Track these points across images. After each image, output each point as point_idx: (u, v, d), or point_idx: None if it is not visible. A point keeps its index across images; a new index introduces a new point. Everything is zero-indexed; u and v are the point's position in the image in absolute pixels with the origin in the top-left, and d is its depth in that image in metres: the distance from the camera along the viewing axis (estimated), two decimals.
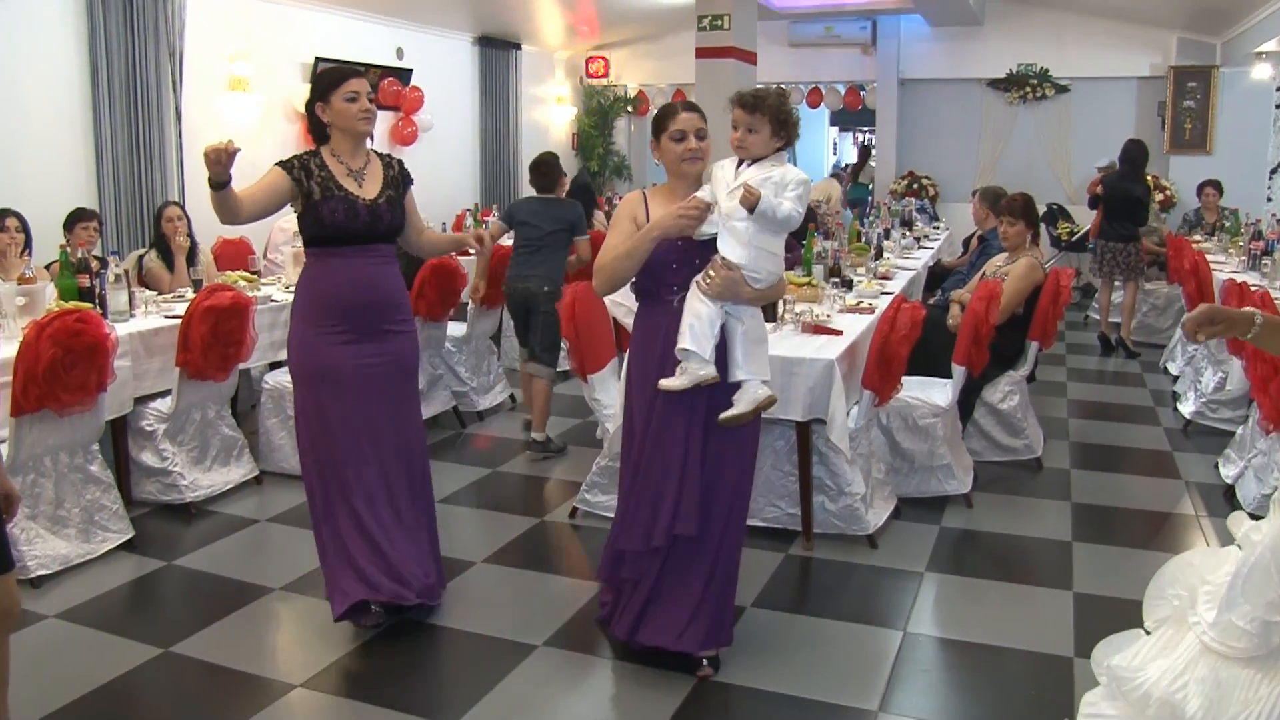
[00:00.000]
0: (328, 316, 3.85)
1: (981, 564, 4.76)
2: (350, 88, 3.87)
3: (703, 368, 3.43)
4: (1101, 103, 13.00)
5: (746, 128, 3.49)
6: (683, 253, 3.52)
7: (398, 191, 4.01)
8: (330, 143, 3.93)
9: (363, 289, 3.88)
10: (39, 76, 7.31)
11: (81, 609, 4.16)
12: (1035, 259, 6.11)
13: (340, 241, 3.84)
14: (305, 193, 3.81)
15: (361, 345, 3.88)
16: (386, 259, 3.99)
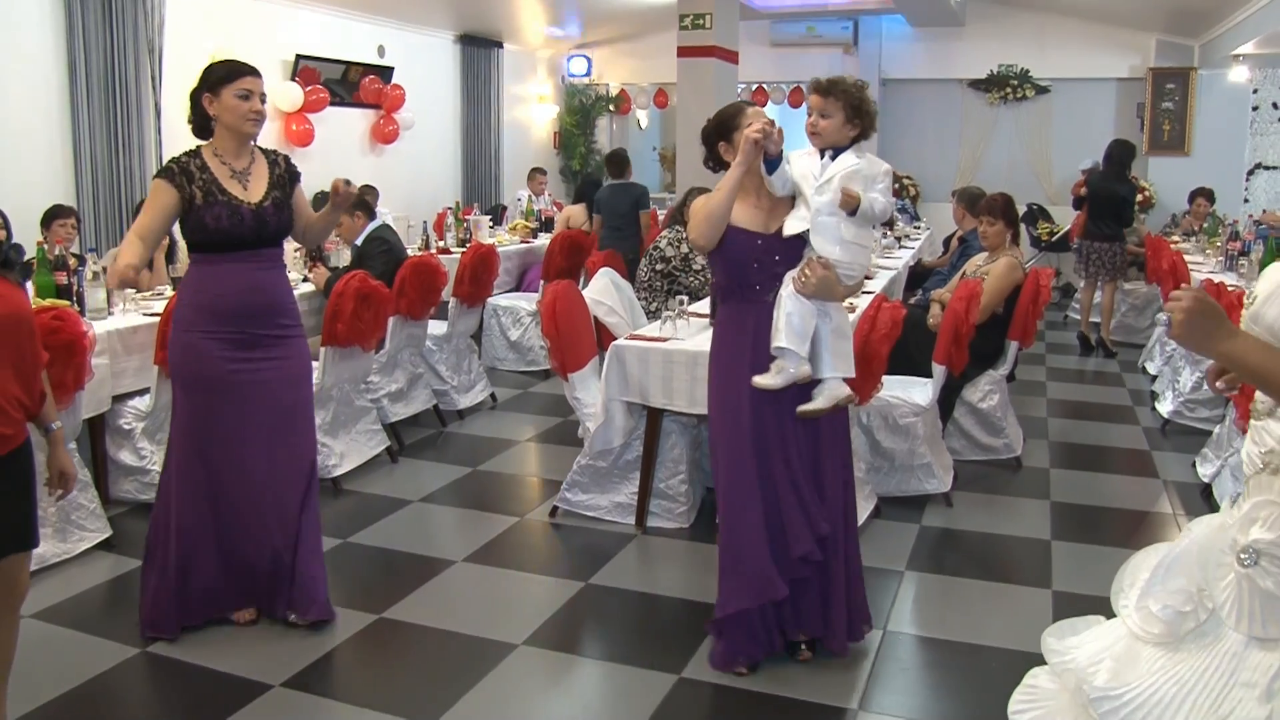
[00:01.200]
0: (212, 322, 3.74)
1: (961, 563, 4.77)
2: (244, 85, 3.76)
3: (799, 365, 3.43)
4: (1081, 104, 13.07)
5: (820, 113, 3.48)
6: (764, 250, 3.50)
7: (284, 192, 3.89)
8: (213, 140, 3.82)
9: (248, 294, 3.78)
10: (17, 73, 7.27)
11: (58, 609, 4.14)
12: (1015, 259, 6.13)
13: (225, 248, 3.73)
14: (188, 198, 3.69)
15: (246, 351, 3.78)
16: (272, 263, 3.89)
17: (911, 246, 9.73)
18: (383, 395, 6.25)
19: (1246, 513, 1.98)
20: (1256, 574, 1.92)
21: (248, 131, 3.81)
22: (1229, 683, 1.92)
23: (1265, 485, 1.97)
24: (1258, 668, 1.90)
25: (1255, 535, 1.93)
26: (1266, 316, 1.94)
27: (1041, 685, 2.33)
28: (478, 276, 6.99)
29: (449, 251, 8.55)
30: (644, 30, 14.11)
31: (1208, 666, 1.96)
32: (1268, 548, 1.91)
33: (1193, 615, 2.01)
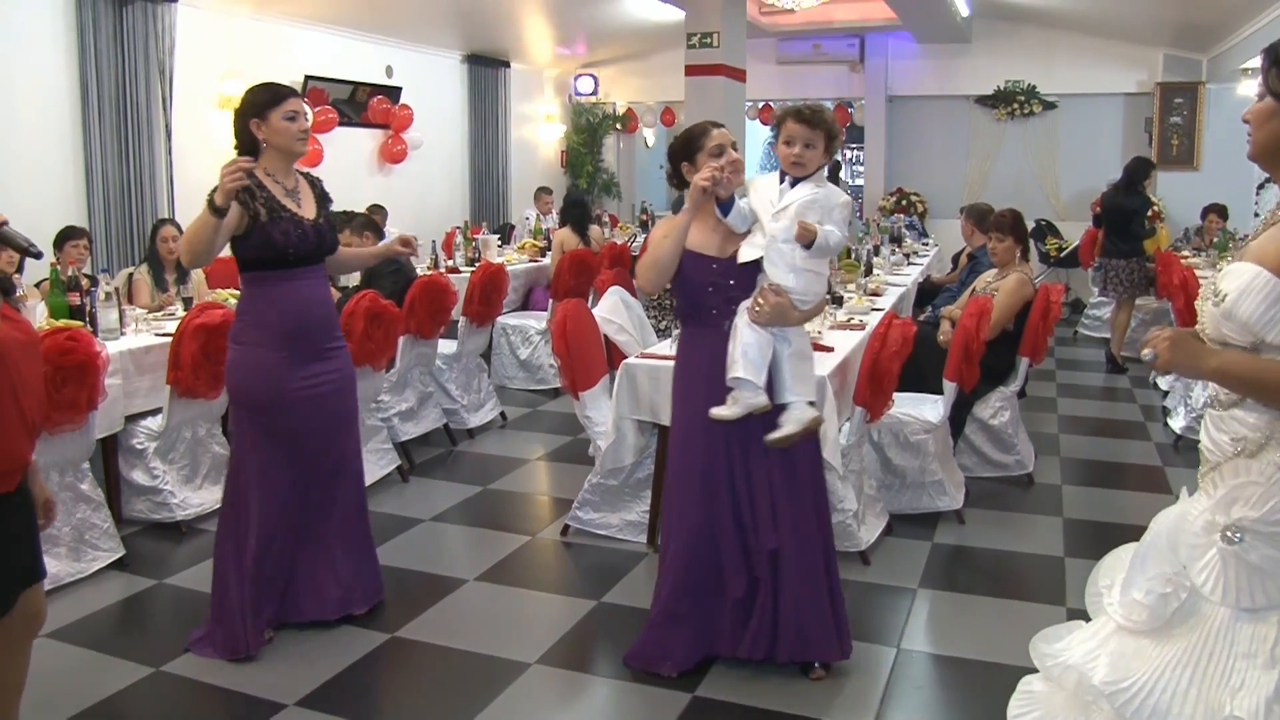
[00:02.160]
0: (277, 340, 3.82)
1: (974, 580, 4.76)
2: (289, 106, 3.84)
3: (755, 396, 3.42)
4: (1089, 119, 13.07)
5: (804, 143, 3.44)
6: (719, 275, 3.50)
7: (326, 211, 4.02)
8: (262, 161, 3.87)
9: (309, 310, 3.89)
10: (29, 95, 7.31)
11: (72, 628, 4.14)
12: (1025, 275, 6.13)
13: (286, 264, 3.81)
14: (252, 214, 3.74)
15: (308, 366, 3.89)
16: (323, 278, 4.01)
17: (920, 263, 9.74)
18: (393, 414, 6.26)
19: (1224, 495, 2.13)
20: (1242, 549, 2.07)
21: (298, 151, 3.91)
22: (1229, 654, 2.07)
23: (1242, 469, 2.11)
24: (1254, 638, 2.06)
25: (1239, 514, 2.09)
26: (1240, 313, 2.05)
27: (1036, 690, 2.45)
28: (487, 296, 7.00)
29: (458, 271, 8.57)
30: (650, 49, 14.16)
31: (1201, 644, 2.11)
32: (1253, 525, 2.07)
33: (1174, 596, 2.16)
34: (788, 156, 3.46)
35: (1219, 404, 2.17)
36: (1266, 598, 2.05)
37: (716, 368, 3.48)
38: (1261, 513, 2.06)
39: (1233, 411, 2.14)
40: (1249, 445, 2.10)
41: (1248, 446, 2.10)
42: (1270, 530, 2.05)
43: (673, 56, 12.01)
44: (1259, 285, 2.02)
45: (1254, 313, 2.03)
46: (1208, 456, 2.21)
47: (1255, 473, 2.09)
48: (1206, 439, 2.22)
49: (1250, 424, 2.10)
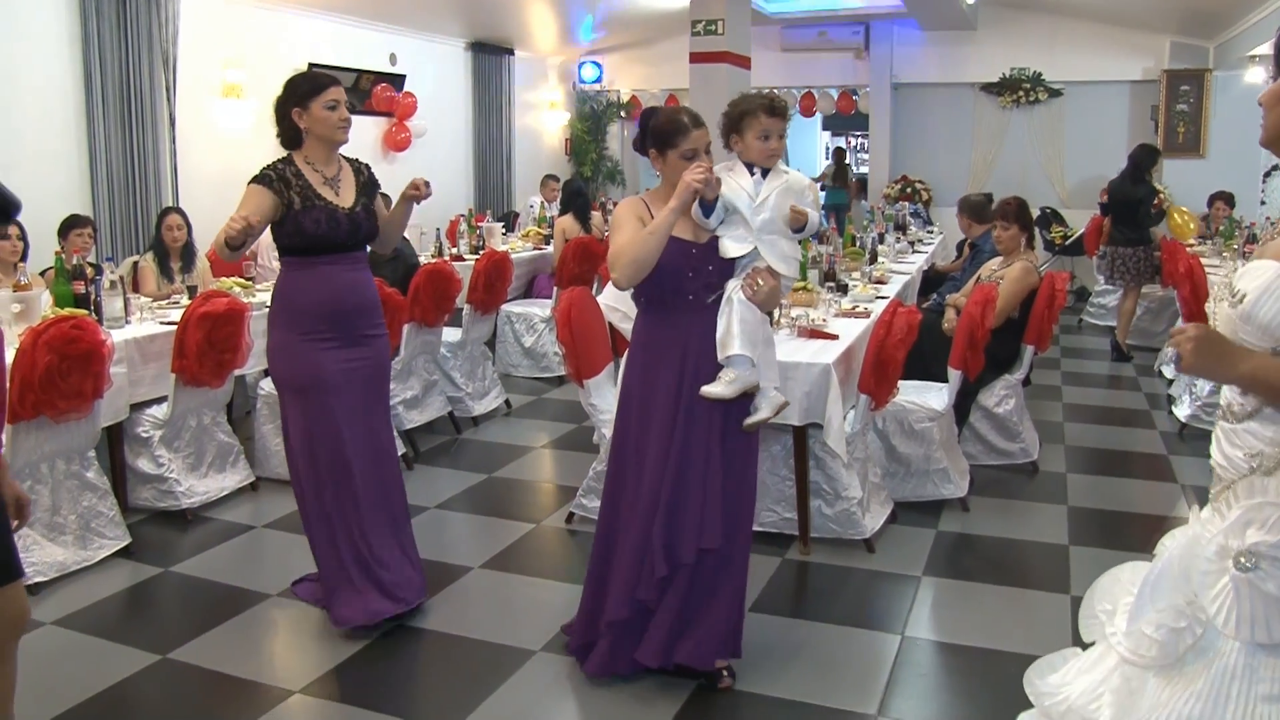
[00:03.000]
0: (312, 324, 3.87)
1: (978, 568, 4.76)
2: (331, 96, 3.90)
3: (752, 373, 3.42)
4: (1094, 107, 13.03)
5: (779, 134, 3.47)
6: (699, 259, 3.45)
7: (370, 198, 4.04)
8: (303, 149, 3.93)
9: (346, 296, 3.92)
10: (33, 84, 7.30)
11: (79, 616, 4.16)
12: (1030, 263, 6.12)
13: (321, 251, 3.86)
14: (286, 203, 3.80)
15: (345, 350, 3.93)
16: (363, 265, 4.05)
17: (925, 251, 9.73)
18: (398, 402, 6.26)
19: (1239, 517, 1.94)
20: (1257, 578, 1.87)
21: (339, 139, 3.95)
22: (1249, 696, 1.86)
23: (1258, 488, 1.93)
24: (1275, 679, 1.85)
25: (1253, 538, 1.89)
26: (1260, 316, 1.90)
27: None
28: (492, 284, 7.00)
29: (462, 258, 8.57)
30: (655, 36, 14.13)
31: (1217, 683, 1.89)
32: (1269, 550, 1.87)
33: (1189, 631, 1.96)
34: (765, 151, 3.45)
35: (1232, 416, 2.01)
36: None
37: (689, 349, 3.46)
38: (1277, 537, 1.87)
39: (1247, 425, 1.98)
40: (1266, 461, 1.93)
41: (1264, 463, 1.93)
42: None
43: (677, 44, 11.98)
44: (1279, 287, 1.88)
45: (1273, 314, 1.88)
46: (1220, 474, 2.04)
47: (1273, 492, 1.90)
48: (1219, 454, 2.05)
49: (1267, 438, 1.93)
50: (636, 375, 3.60)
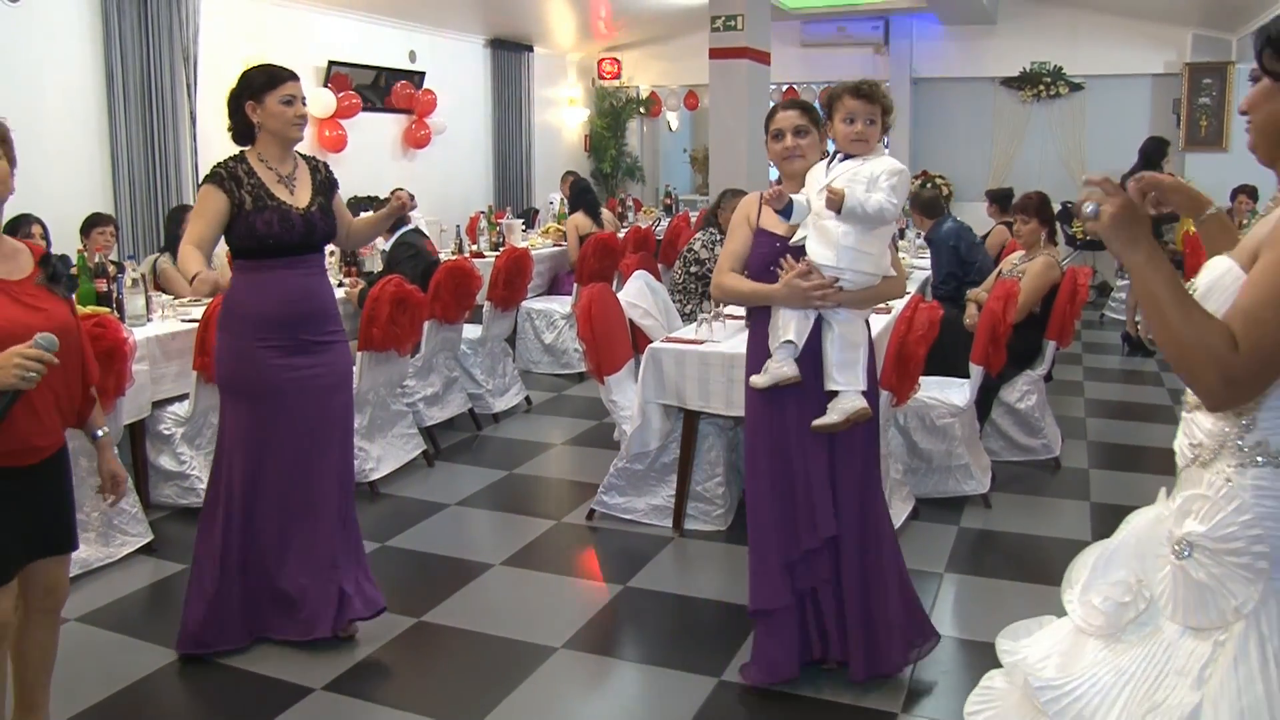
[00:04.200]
0: (263, 330, 3.70)
1: (1001, 564, 4.74)
2: (286, 90, 3.76)
3: (784, 366, 3.36)
4: (1116, 100, 12.95)
5: (867, 119, 3.36)
6: (782, 254, 3.41)
7: (326, 198, 3.88)
8: (257, 145, 3.80)
9: (298, 301, 3.75)
10: (55, 82, 7.34)
11: (101, 612, 4.18)
12: (1052, 257, 6.09)
13: (274, 253, 3.70)
14: (237, 203, 3.65)
15: (296, 358, 3.75)
16: (318, 269, 3.87)
17: None
18: (418, 399, 6.27)
19: (1180, 505, 2.01)
20: (1190, 566, 1.94)
21: (293, 137, 3.81)
22: (1164, 670, 1.96)
23: (1195, 479, 1.99)
24: (1190, 655, 1.93)
25: (1188, 528, 1.96)
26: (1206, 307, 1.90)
27: (996, 686, 2.36)
28: (512, 280, 7.01)
29: (482, 255, 8.58)
30: (674, 32, 14.10)
31: (1146, 656, 1.99)
32: (1200, 540, 1.93)
33: (1132, 606, 2.05)
34: (849, 134, 3.37)
35: (1186, 404, 2.05)
36: (1209, 618, 1.92)
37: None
38: (1208, 527, 1.92)
39: (1194, 414, 2.01)
40: (1203, 454, 1.97)
41: (1201, 455, 1.98)
42: (1216, 546, 1.91)
43: (697, 40, 11.97)
44: (1229, 281, 1.91)
45: (1218, 308, 1.89)
46: (1177, 461, 2.09)
47: (1205, 484, 1.95)
48: (1176, 442, 2.10)
49: (1207, 429, 1.97)
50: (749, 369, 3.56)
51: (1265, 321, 1.75)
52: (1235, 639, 1.88)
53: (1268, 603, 1.87)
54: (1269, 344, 1.75)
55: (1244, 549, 1.88)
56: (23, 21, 7.06)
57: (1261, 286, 1.78)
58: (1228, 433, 1.93)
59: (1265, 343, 1.75)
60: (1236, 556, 1.89)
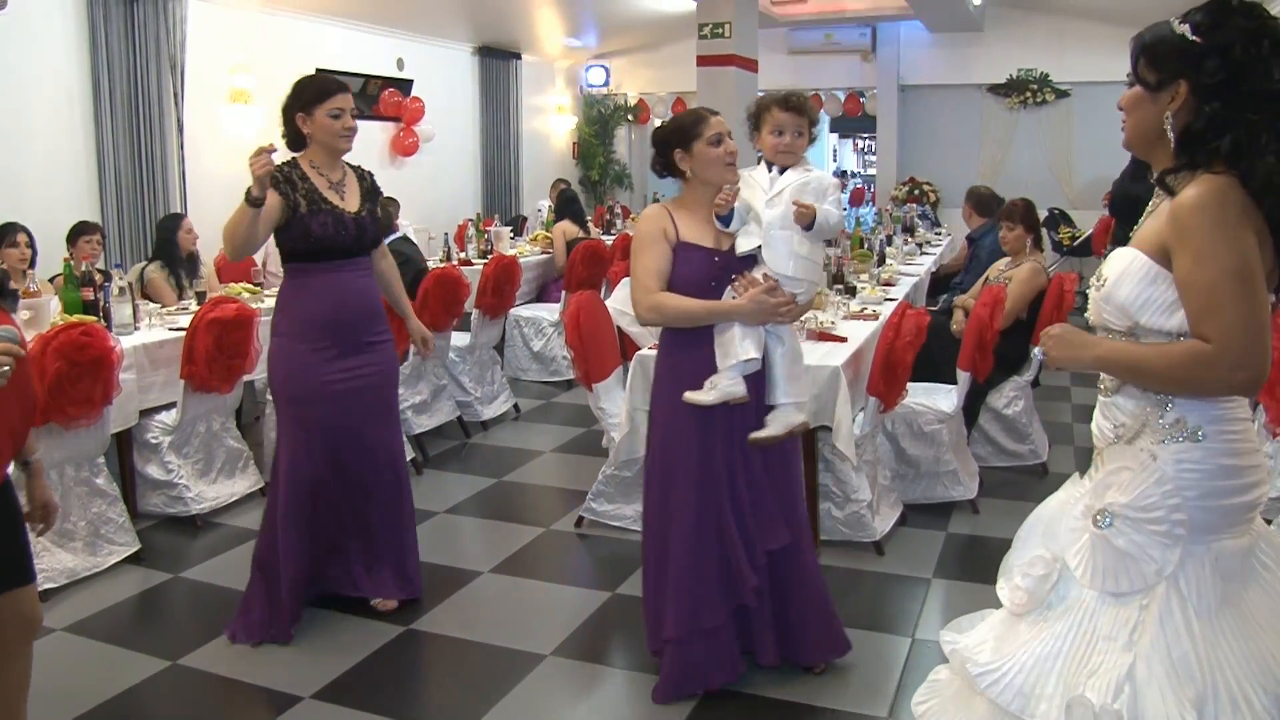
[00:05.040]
0: (315, 332, 3.84)
1: (989, 570, 4.66)
2: (335, 104, 3.85)
3: (735, 384, 3.30)
4: (1103, 107, 12.83)
5: (795, 131, 3.39)
6: (721, 269, 3.35)
7: (373, 204, 4.01)
8: (308, 153, 3.91)
9: (350, 303, 3.88)
10: (41, 90, 7.33)
11: (89, 622, 4.16)
12: (1039, 263, 6.11)
13: (326, 256, 3.82)
14: (291, 205, 3.77)
15: (348, 359, 3.89)
16: (367, 271, 3.99)
17: (933, 253, 9.72)
18: (407, 407, 6.26)
19: (1100, 480, 2.19)
20: (1111, 534, 2.12)
21: (341, 148, 3.93)
22: (1093, 637, 2.11)
23: (1120, 454, 2.16)
24: (1115, 620, 2.10)
25: (1110, 499, 2.14)
26: (1117, 296, 2.11)
27: (940, 679, 2.50)
28: (500, 288, 7.01)
29: (470, 263, 8.58)
30: (662, 40, 14.14)
31: (1072, 625, 2.15)
32: (1122, 509, 2.11)
33: (1048, 578, 2.21)
34: (778, 145, 3.40)
35: (1105, 390, 2.22)
36: (1129, 582, 2.09)
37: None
38: (1130, 498, 2.10)
39: (1114, 399, 2.19)
40: (1126, 432, 2.15)
41: (1125, 433, 2.15)
42: (1137, 515, 2.09)
43: (684, 47, 11.99)
44: (1136, 268, 2.08)
45: (1129, 295, 2.08)
46: (1095, 443, 2.28)
47: (1128, 458, 2.14)
48: (1094, 425, 2.28)
49: (1129, 410, 2.15)
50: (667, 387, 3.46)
51: (1221, 306, 1.94)
52: (1158, 601, 2.06)
53: (1185, 565, 2.06)
54: (1237, 317, 1.93)
55: (1164, 517, 2.07)
56: (9, 30, 7.04)
57: (1198, 286, 1.97)
58: (1149, 412, 2.11)
59: (1234, 319, 1.94)
60: (1156, 525, 2.07)
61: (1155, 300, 2.06)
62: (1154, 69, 2.12)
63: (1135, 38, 2.20)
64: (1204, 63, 2.01)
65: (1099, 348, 2.14)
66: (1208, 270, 1.95)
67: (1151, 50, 2.14)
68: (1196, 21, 2.04)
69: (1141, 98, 2.16)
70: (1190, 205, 1.99)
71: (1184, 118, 2.06)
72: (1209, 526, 2.06)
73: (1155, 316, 2.06)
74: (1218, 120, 2.00)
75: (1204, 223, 1.96)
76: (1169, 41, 2.09)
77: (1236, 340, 1.93)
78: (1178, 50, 2.06)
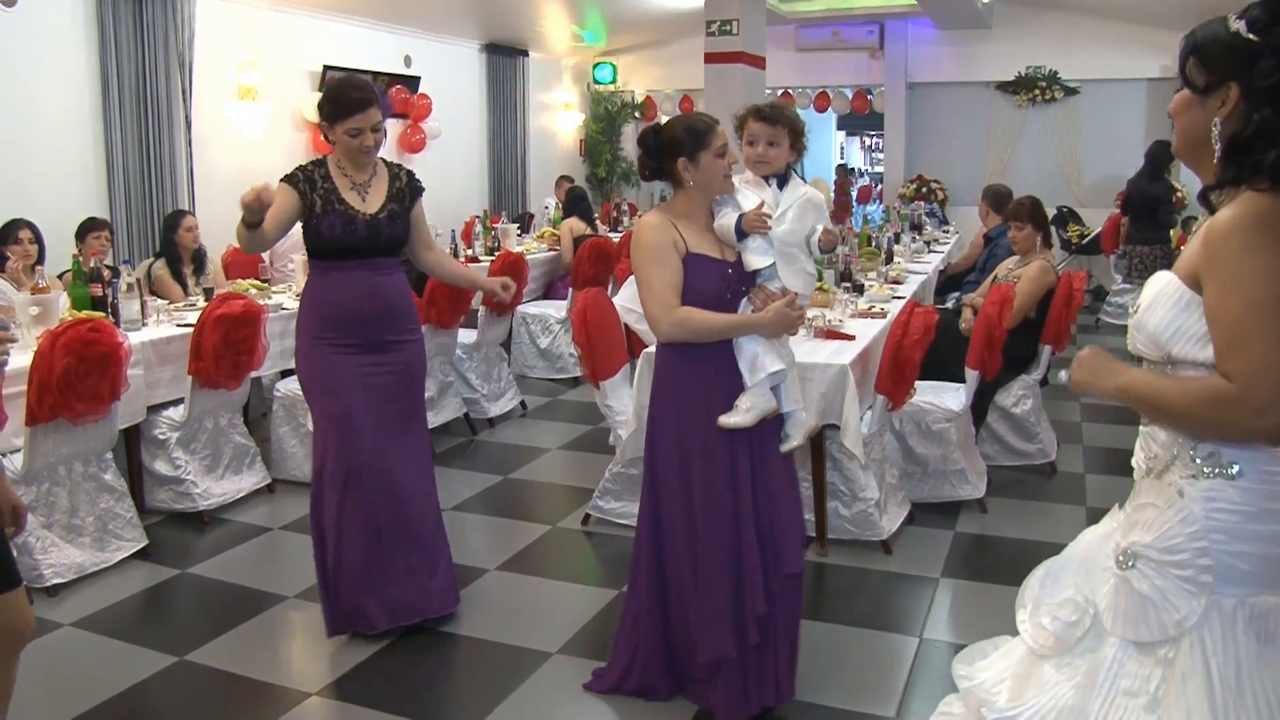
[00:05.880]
0: (331, 328, 3.84)
1: (997, 569, 4.73)
2: (353, 124, 3.76)
3: (768, 400, 3.24)
4: (1111, 105, 12.97)
5: (768, 141, 3.38)
6: (734, 280, 3.26)
7: (402, 205, 3.95)
8: (336, 152, 3.91)
9: (365, 300, 3.85)
10: (50, 86, 7.34)
11: (96, 617, 4.17)
12: (1048, 262, 6.09)
13: (339, 255, 3.82)
14: (308, 205, 3.78)
15: (366, 356, 3.86)
16: (389, 270, 3.95)
17: (940, 250, 9.70)
18: None
19: (1129, 516, 2.00)
20: (1133, 576, 1.92)
21: (362, 163, 3.90)
22: (1113, 689, 1.92)
23: (1149, 488, 1.97)
24: (1138, 675, 1.90)
25: (1134, 538, 1.94)
26: (1148, 325, 1.92)
27: (953, 712, 2.32)
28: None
29: (477, 260, 8.58)
30: (669, 37, 14.12)
31: (1093, 675, 1.96)
32: (1144, 550, 1.91)
33: (1079, 624, 2.03)
34: (751, 156, 3.42)
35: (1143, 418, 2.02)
36: (1149, 631, 1.89)
37: (736, 377, 3.25)
38: (1153, 538, 1.90)
39: (1150, 427, 1.99)
40: (1156, 464, 1.95)
41: (1155, 466, 1.96)
42: (1160, 558, 1.89)
43: (692, 44, 11.97)
44: (1168, 294, 1.89)
45: (1160, 322, 1.89)
46: (1134, 475, 2.07)
47: (1154, 494, 1.94)
48: (1135, 456, 2.07)
49: (1161, 442, 1.95)
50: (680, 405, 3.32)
51: (1247, 342, 1.72)
52: (1183, 656, 1.85)
53: (1210, 617, 1.85)
54: (1265, 355, 1.70)
55: (1188, 561, 1.86)
56: (18, 26, 7.06)
57: (1224, 317, 1.76)
58: (1181, 444, 1.90)
59: (1261, 357, 1.71)
60: (1180, 569, 1.86)
61: (1187, 330, 1.86)
62: (1204, 70, 1.89)
63: (1186, 35, 1.96)
64: (1258, 63, 1.78)
65: (1123, 376, 1.93)
66: (1234, 300, 1.73)
67: (1202, 49, 1.90)
68: (1254, 17, 1.80)
69: (1190, 102, 1.93)
70: (1223, 227, 1.77)
71: (1233, 125, 1.83)
72: (1242, 577, 1.84)
73: (1187, 347, 1.86)
74: (1267, 129, 1.77)
75: (1234, 247, 1.75)
76: (1221, 40, 1.86)
77: (1263, 382, 1.70)
78: (1231, 49, 1.83)
